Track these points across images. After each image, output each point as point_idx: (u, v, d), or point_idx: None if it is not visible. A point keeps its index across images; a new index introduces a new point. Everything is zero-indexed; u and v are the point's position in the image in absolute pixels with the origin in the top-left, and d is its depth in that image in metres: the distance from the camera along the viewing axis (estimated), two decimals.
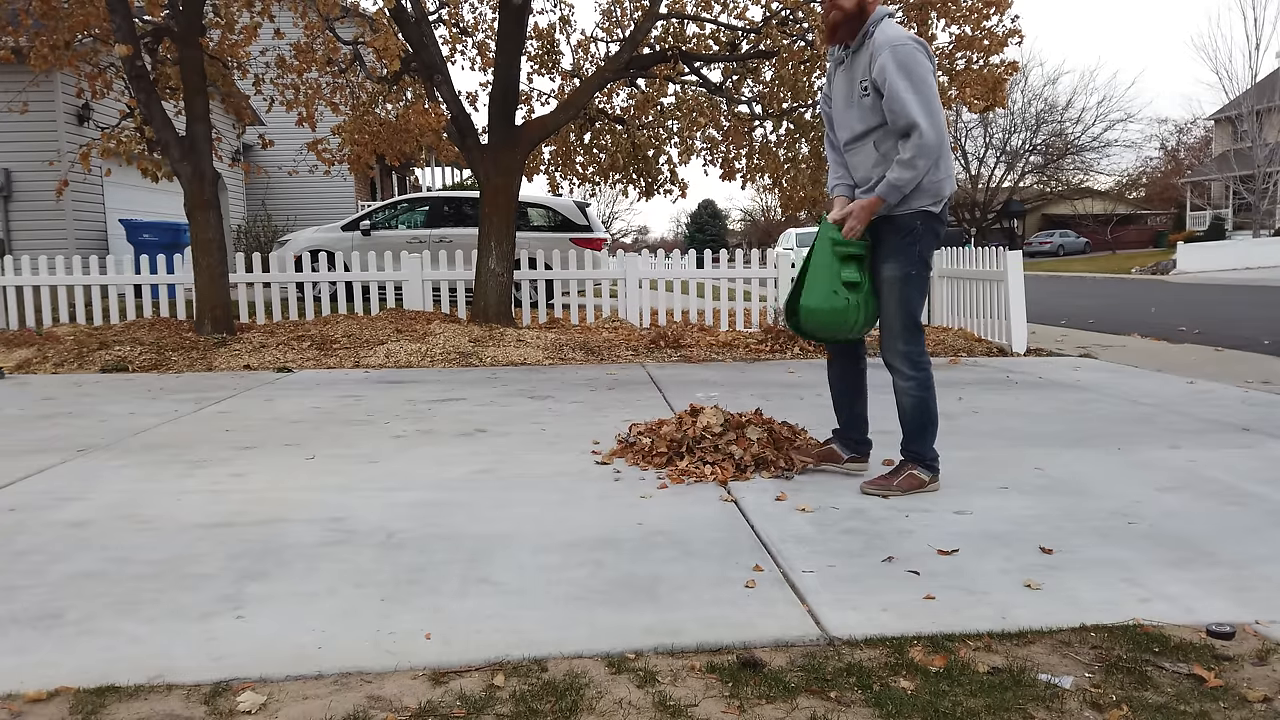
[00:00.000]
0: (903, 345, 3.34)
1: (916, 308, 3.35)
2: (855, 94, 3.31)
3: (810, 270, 3.34)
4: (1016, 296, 8.01)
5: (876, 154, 3.31)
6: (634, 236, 63.99)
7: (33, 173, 12.61)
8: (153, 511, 3.23)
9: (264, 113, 10.33)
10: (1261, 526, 2.98)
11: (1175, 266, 26.13)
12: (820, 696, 1.89)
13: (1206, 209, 38.98)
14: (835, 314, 3.28)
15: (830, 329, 3.36)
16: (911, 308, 3.34)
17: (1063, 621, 2.23)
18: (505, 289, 8.94)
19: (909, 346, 3.34)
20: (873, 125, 3.29)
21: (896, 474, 3.39)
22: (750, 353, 7.93)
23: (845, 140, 3.42)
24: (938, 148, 3.17)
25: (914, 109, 3.13)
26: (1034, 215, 48.00)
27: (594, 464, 3.89)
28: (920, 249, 3.31)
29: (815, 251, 3.35)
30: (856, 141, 3.38)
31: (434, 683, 1.96)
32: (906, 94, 3.14)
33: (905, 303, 3.32)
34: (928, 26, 8.92)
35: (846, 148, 3.43)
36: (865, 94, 3.27)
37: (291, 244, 12.55)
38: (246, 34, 9.14)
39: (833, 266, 3.27)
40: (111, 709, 1.86)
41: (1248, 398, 5.51)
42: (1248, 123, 33.68)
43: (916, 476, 3.37)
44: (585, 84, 9.49)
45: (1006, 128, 43.71)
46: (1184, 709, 1.84)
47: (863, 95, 3.28)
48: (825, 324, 3.34)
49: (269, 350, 7.64)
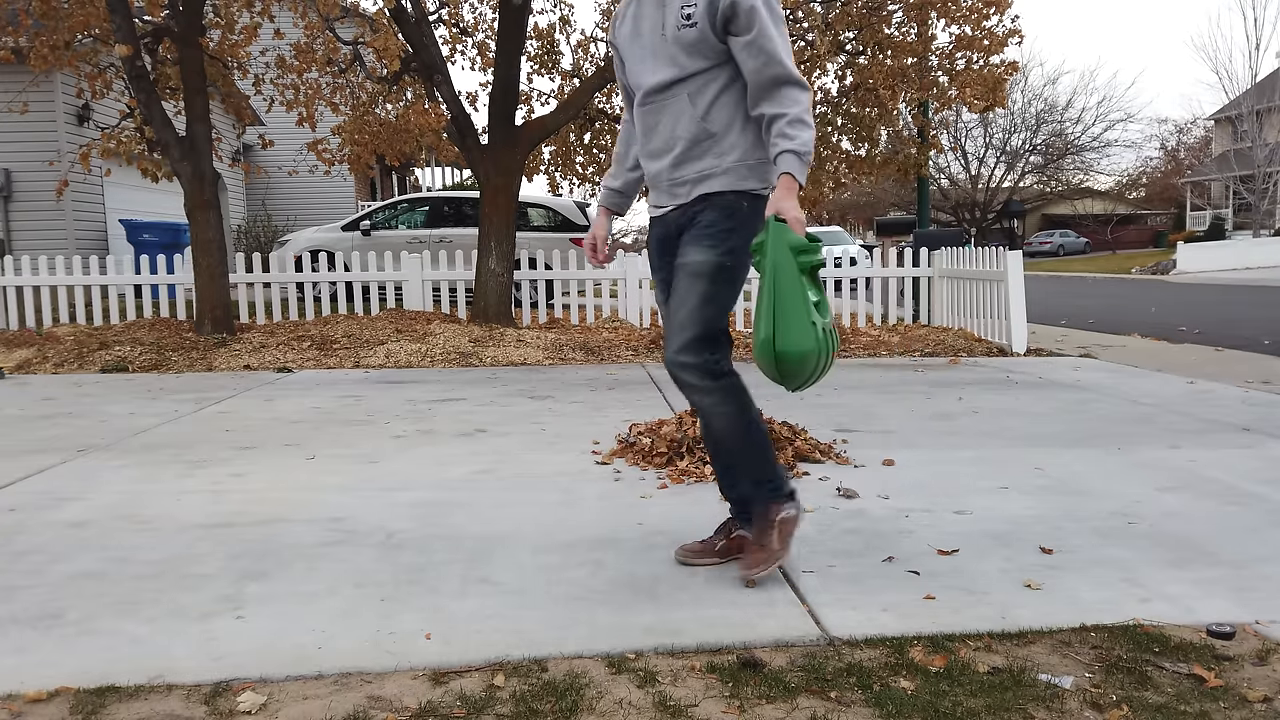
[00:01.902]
0: (694, 356, 2.46)
1: (723, 310, 2.51)
2: (671, 24, 2.46)
3: (779, 298, 2.37)
4: (1016, 296, 8.01)
5: (691, 110, 2.48)
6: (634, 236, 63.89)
7: (33, 173, 12.62)
8: (153, 511, 3.23)
9: (264, 113, 10.33)
10: (1261, 526, 2.97)
11: (1175, 266, 26.14)
12: (820, 696, 1.89)
13: (1206, 209, 39.00)
14: (816, 352, 2.37)
15: (810, 372, 2.42)
16: (718, 308, 2.49)
17: (1063, 621, 2.23)
18: (505, 289, 8.94)
19: (703, 355, 2.47)
20: (690, 70, 2.46)
21: (765, 533, 2.51)
22: (750, 352, 7.92)
23: (647, 90, 2.53)
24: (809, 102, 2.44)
25: (785, 54, 2.41)
26: (1034, 215, 48.00)
27: (594, 464, 3.89)
28: (739, 237, 2.49)
29: (777, 269, 2.37)
30: (662, 93, 2.51)
31: (434, 683, 1.96)
32: (778, 36, 2.41)
33: (710, 300, 2.47)
34: (928, 26, 8.93)
35: (644, 102, 2.55)
36: (688, 24, 2.43)
37: (291, 244, 12.56)
38: (246, 34, 9.14)
39: (801, 287, 2.35)
40: (111, 709, 1.86)
41: (1248, 398, 5.51)
42: (1248, 123, 33.69)
43: (788, 518, 2.54)
44: (585, 84, 9.49)
45: (1006, 128, 43.71)
46: (1184, 709, 1.84)
47: (683, 26, 2.44)
48: (805, 369, 2.41)
49: (269, 350, 7.64)
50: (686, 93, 2.48)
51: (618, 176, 2.79)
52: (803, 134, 2.38)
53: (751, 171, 2.50)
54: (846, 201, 44.53)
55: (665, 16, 2.48)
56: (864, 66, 9.01)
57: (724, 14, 2.39)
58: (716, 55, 2.45)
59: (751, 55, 2.41)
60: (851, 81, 9.43)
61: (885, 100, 9.03)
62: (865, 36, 9.05)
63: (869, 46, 9.10)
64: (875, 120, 9.48)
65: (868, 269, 9.86)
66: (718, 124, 2.48)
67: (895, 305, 9.85)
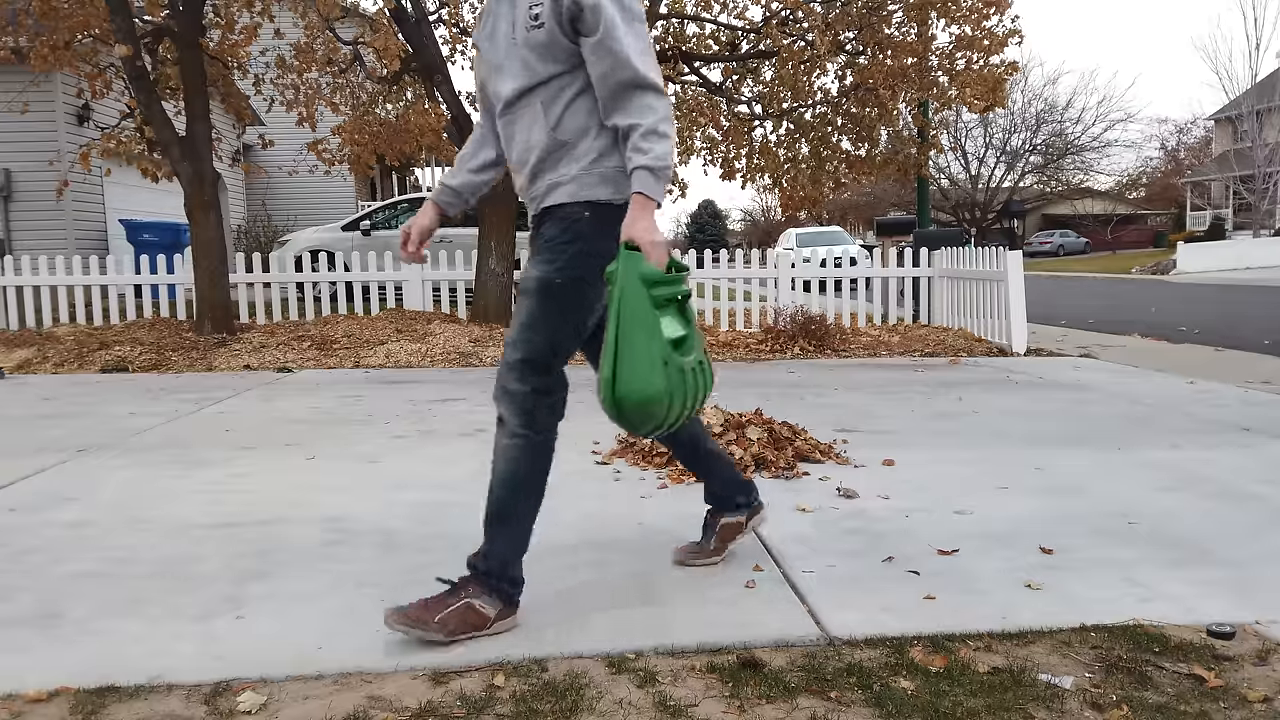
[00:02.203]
0: (518, 382, 2.21)
1: (552, 338, 2.23)
2: (520, 26, 2.23)
3: (620, 335, 2.09)
4: (1017, 296, 8.01)
5: (544, 119, 2.23)
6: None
7: (33, 173, 12.61)
8: (153, 511, 3.23)
9: (264, 113, 10.34)
10: (1261, 526, 2.98)
11: (1175, 266, 26.12)
12: (820, 696, 1.89)
13: (1206, 209, 38.99)
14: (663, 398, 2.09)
15: (661, 418, 2.14)
16: (546, 335, 2.22)
17: (1063, 621, 2.23)
18: (505, 289, 8.94)
19: (527, 385, 2.21)
20: (542, 76, 2.22)
21: (445, 602, 2.16)
22: (750, 353, 7.93)
23: (504, 100, 2.29)
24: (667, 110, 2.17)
25: (638, 56, 2.14)
26: (1034, 215, 48.00)
27: (594, 464, 3.89)
28: (576, 253, 2.21)
29: (622, 302, 2.09)
30: (516, 101, 2.27)
31: (434, 683, 1.96)
32: (628, 36, 2.14)
33: (537, 323, 2.21)
34: (928, 26, 8.93)
35: (503, 113, 2.32)
36: (536, 25, 2.19)
37: (291, 244, 12.56)
38: (246, 34, 9.14)
39: (649, 323, 2.09)
40: (111, 709, 1.86)
41: (1248, 398, 5.51)
42: (1248, 123, 33.69)
43: (476, 609, 2.16)
44: None
45: (1006, 128, 43.72)
46: (1184, 709, 1.84)
47: (532, 27, 2.20)
48: (651, 415, 2.12)
49: (269, 350, 7.64)
50: (540, 100, 2.23)
51: (456, 175, 2.55)
52: (657, 146, 2.11)
53: (602, 180, 2.22)
54: (846, 201, 44.54)
55: (516, 17, 2.25)
56: (864, 66, 9.01)
57: (569, 11, 2.15)
58: (569, 59, 2.20)
59: (599, 58, 2.15)
60: (851, 81, 9.43)
61: (885, 100, 9.03)
62: (865, 36, 9.05)
63: (869, 46, 9.10)
64: (875, 120, 9.48)
65: (868, 269, 9.86)
66: (569, 132, 2.24)
67: (895, 305, 9.85)
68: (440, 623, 2.12)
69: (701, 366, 2.18)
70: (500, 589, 2.20)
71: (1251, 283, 20.02)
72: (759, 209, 58.89)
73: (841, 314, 9.23)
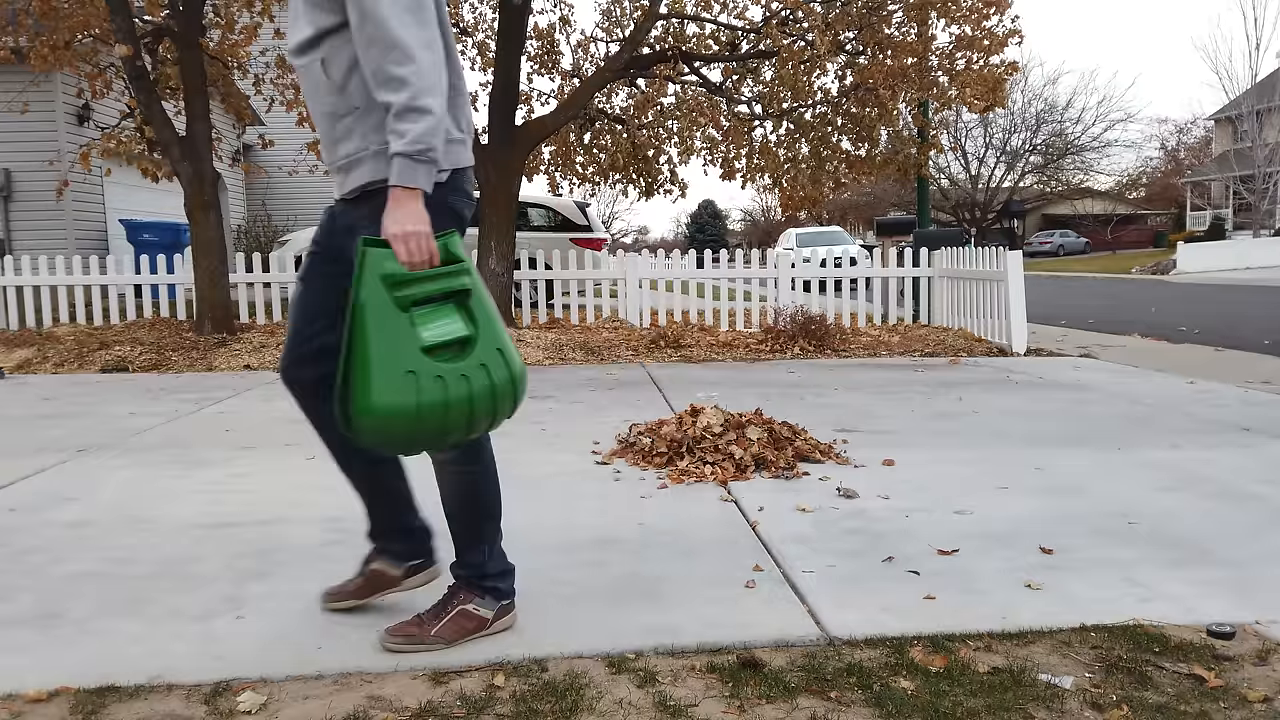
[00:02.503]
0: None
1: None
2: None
3: (355, 344, 1.85)
4: (1016, 296, 8.01)
5: (327, 81, 1.98)
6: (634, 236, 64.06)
7: (33, 173, 12.61)
8: (153, 511, 3.23)
9: (264, 113, 10.34)
10: (1261, 526, 2.98)
11: (1175, 266, 26.12)
12: (820, 696, 1.89)
13: (1206, 209, 38.99)
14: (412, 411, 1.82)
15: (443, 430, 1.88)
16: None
17: (1063, 621, 2.23)
18: (505, 289, 8.94)
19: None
20: (321, 26, 1.95)
21: (438, 614, 2.12)
22: (750, 353, 7.93)
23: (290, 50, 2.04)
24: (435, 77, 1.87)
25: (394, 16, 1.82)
26: (1034, 215, 47.99)
27: (594, 464, 3.89)
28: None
29: (359, 308, 1.85)
30: (300, 56, 2.02)
31: (434, 683, 1.96)
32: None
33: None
34: (928, 26, 8.93)
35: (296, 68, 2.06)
36: None
37: (291, 244, 12.53)
38: (246, 34, 9.15)
39: (393, 328, 1.83)
40: (111, 709, 1.86)
41: (1248, 398, 5.51)
42: (1248, 123, 33.68)
43: (471, 614, 2.12)
44: (585, 84, 9.50)
45: (1006, 128, 43.70)
46: (1184, 709, 1.84)
47: None
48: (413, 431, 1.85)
49: (269, 350, 7.64)
50: (321, 56, 1.96)
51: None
52: (414, 126, 1.82)
53: None
54: (846, 201, 44.52)
55: None
56: (864, 66, 9.00)
57: None
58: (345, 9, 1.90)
59: (351, 10, 1.85)
60: (851, 81, 9.43)
61: (885, 100, 9.03)
62: (865, 36, 9.05)
63: (869, 46, 9.10)
64: (875, 120, 9.48)
65: (868, 269, 9.86)
66: (360, 96, 1.94)
67: (895, 305, 9.85)
68: (437, 633, 2.10)
69: (486, 369, 1.88)
70: (492, 589, 2.15)
71: (1251, 283, 20.02)
72: (759, 209, 58.90)
73: (841, 314, 9.23)
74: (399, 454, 2.08)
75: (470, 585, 2.15)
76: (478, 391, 1.88)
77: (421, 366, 1.82)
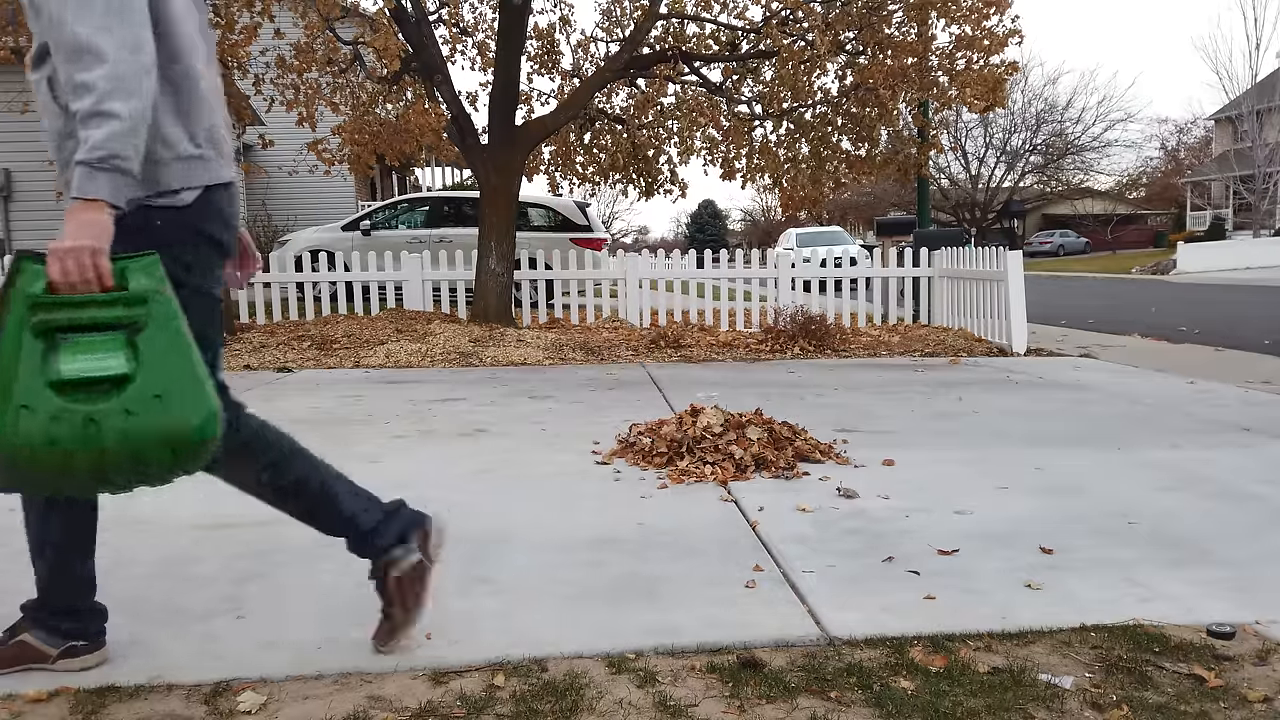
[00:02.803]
0: None
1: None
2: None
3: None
4: (1017, 296, 8.01)
5: (51, 100, 1.86)
6: (634, 236, 64.12)
7: (33, 173, 12.61)
8: (152, 511, 3.22)
9: (264, 113, 10.32)
10: (1261, 526, 2.97)
11: (1175, 266, 26.12)
12: (820, 696, 1.89)
13: (1207, 209, 38.99)
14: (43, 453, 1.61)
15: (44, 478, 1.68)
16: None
17: (1063, 621, 2.23)
18: (505, 289, 8.94)
19: None
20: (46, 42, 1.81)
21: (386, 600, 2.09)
22: (750, 353, 7.93)
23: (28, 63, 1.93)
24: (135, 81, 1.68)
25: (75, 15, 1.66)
26: (1034, 215, 48.00)
27: (594, 464, 3.89)
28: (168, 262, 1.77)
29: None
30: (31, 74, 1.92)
31: (434, 683, 1.96)
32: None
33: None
34: (928, 26, 8.93)
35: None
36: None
37: (291, 244, 12.55)
38: (246, 34, 9.13)
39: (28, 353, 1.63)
40: (111, 709, 1.86)
41: (1248, 398, 5.51)
42: (1248, 123, 33.68)
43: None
44: (585, 84, 9.50)
45: (1006, 128, 43.71)
46: (1184, 709, 1.84)
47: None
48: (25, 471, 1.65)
49: (269, 350, 7.64)
50: (47, 74, 1.84)
51: None
52: (95, 131, 1.65)
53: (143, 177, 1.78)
54: (846, 201, 44.55)
55: None
56: (864, 66, 9.00)
57: None
58: None
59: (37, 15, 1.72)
60: (851, 81, 9.43)
61: (885, 100, 9.03)
62: (865, 36, 9.04)
63: (869, 46, 9.10)
64: (875, 120, 9.48)
65: (868, 269, 9.86)
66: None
67: (895, 305, 9.85)
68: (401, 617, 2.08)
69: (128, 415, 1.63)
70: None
71: (1251, 283, 20.02)
72: (759, 209, 58.92)
73: (841, 314, 9.24)
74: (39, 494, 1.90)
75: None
76: (109, 438, 1.63)
77: (38, 402, 1.60)
